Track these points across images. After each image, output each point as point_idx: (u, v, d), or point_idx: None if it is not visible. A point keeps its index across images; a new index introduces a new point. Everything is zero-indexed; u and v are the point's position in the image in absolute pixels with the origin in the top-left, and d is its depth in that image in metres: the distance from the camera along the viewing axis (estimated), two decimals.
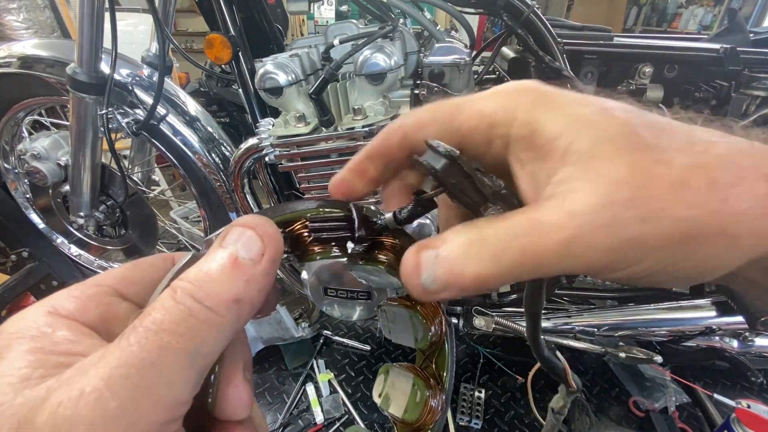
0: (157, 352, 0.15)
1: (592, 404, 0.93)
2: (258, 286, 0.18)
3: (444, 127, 0.22)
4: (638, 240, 0.17)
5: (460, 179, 0.19)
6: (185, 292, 0.16)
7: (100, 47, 0.82)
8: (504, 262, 0.17)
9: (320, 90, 0.62)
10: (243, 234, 0.18)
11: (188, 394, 0.16)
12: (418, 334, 0.25)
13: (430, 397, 0.24)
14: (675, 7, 4.23)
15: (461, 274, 0.18)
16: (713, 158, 0.17)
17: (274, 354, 1.09)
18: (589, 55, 0.72)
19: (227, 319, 0.17)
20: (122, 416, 0.14)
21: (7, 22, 2.20)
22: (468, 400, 0.95)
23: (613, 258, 0.17)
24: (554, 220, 0.17)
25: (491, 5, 0.69)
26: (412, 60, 0.74)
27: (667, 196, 0.16)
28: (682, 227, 0.16)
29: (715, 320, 0.83)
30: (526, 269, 0.17)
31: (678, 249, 0.17)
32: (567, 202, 0.17)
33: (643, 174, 0.17)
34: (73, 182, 1.02)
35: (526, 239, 0.17)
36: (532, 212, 0.18)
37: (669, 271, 0.18)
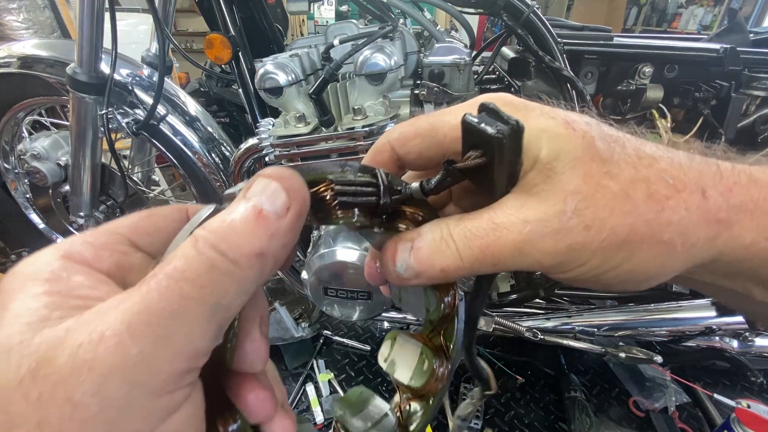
0: (177, 301, 0.15)
1: (592, 404, 0.93)
2: (282, 241, 0.17)
3: (426, 140, 0.23)
4: (581, 244, 0.19)
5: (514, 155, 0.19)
6: (208, 243, 0.16)
7: (100, 47, 0.83)
8: (466, 259, 0.20)
9: (320, 90, 0.62)
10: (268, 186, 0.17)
11: (208, 346, 0.16)
12: (431, 305, 0.25)
13: (437, 366, 0.24)
14: (675, 7, 4.23)
15: (430, 266, 0.21)
16: (655, 172, 0.20)
17: (274, 354, 1.09)
18: (589, 55, 0.72)
19: (249, 273, 0.16)
20: (142, 363, 0.14)
21: (7, 22, 2.20)
22: None
23: (561, 260, 0.19)
24: (510, 225, 0.19)
25: (491, 5, 0.69)
26: (412, 60, 0.74)
27: (610, 206, 0.19)
28: (620, 234, 0.19)
29: (715, 320, 0.83)
30: (485, 265, 0.20)
31: (616, 253, 0.19)
32: (523, 209, 0.19)
33: (592, 186, 0.19)
34: (73, 182, 1.02)
35: (486, 240, 0.20)
36: (493, 214, 0.20)
37: (612, 273, 0.20)
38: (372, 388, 0.27)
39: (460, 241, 0.20)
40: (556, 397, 0.97)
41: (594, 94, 0.75)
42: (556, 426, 0.91)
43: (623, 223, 0.19)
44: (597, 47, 0.72)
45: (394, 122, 0.68)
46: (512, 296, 0.93)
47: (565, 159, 0.19)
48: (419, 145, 0.23)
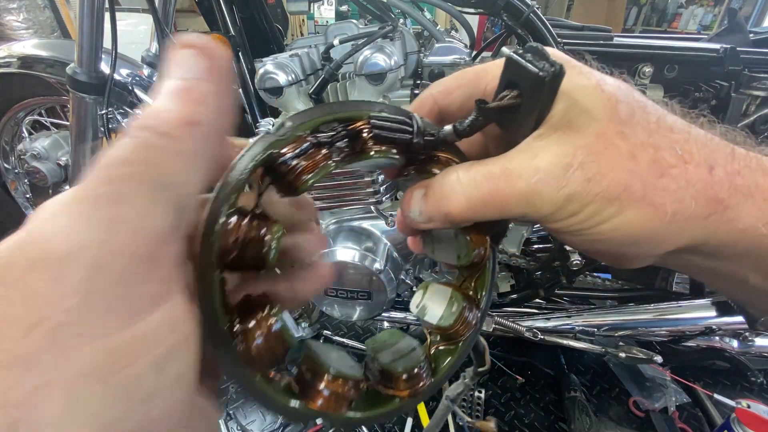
0: (118, 184, 0.14)
1: (592, 404, 0.93)
2: (212, 105, 0.17)
3: (469, 90, 0.24)
4: (578, 195, 0.20)
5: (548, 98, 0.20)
6: (138, 125, 0.16)
7: (100, 47, 0.82)
8: (472, 202, 0.21)
9: (320, 90, 0.62)
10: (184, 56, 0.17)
11: (166, 226, 0.15)
12: (462, 252, 0.26)
13: (466, 309, 0.25)
14: (675, 7, 4.23)
15: (437, 210, 0.22)
16: (667, 141, 0.20)
17: None
18: (589, 55, 0.72)
19: (188, 144, 0.16)
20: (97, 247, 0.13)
21: (7, 22, 2.20)
22: (468, 400, 0.95)
23: (556, 209, 0.20)
24: (522, 172, 0.20)
25: (491, 5, 0.69)
26: (412, 60, 0.74)
27: (614, 163, 0.20)
28: (614, 190, 0.19)
29: (715, 320, 0.83)
30: (491, 209, 0.21)
31: (607, 206, 0.20)
32: (536, 159, 0.20)
33: (602, 143, 0.20)
34: (73, 182, 1.02)
35: (495, 184, 0.21)
36: (507, 162, 0.21)
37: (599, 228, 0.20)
38: None
39: (468, 185, 0.21)
40: (556, 397, 0.97)
41: None
42: (556, 426, 0.91)
43: (620, 180, 0.19)
44: (597, 47, 0.72)
45: None
46: (512, 296, 0.93)
47: (585, 116, 0.20)
48: (462, 95, 0.24)
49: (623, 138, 0.20)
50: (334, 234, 0.78)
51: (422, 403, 0.95)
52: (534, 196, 0.20)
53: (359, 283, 0.75)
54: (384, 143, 0.22)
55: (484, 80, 0.23)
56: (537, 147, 0.21)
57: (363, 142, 0.22)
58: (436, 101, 0.25)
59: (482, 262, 0.26)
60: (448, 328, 0.25)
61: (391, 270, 0.74)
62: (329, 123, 0.22)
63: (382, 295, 0.75)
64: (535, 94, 0.20)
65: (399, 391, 0.23)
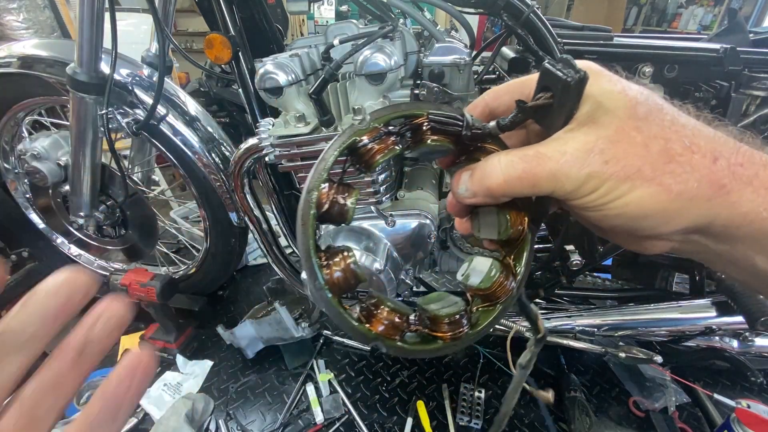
0: None
1: (592, 404, 0.93)
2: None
3: (515, 95, 0.29)
4: (596, 173, 0.24)
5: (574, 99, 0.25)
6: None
7: (100, 47, 0.82)
8: (509, 179, 0.26)
9: (320, 90, 0.62)
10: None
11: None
12: (502, 228, 0.30)
13: (503, 276, 0.30)
14: (675, 7, 4.23)
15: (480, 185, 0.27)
16: (677, 135, 0.24)
17: (274, 354, 1.09)
18: (589, 55, 0.72)
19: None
20: None
21: (7, 22, 2.20)
22: (468, 400, 0.95)
23: (578, 185, 0.25)
24: (552, 154, 0.25)
25: (491, 5, 0.69)
26: (412, 60, 0.74)
27: (628, 150, 0.24)
28: (628, 171, 0.24)
29: (715, 320, 0.83)
30: (524, 185, 0.26)
31: (621, 184, 0.24)
32: (565, 145, 0.25)
33: (621, 134, 0.24)
34: (73, 182, 1.02)
35: (529, 164, 0.25)
36: (540, 147, 0.26)
37: (614, 203, 0.25)
38: (372, 389, 0.28)
39: (506, 165, 0.26)
40: (556, 397, 0.97)
41: None
42: (556, 426, 0.91)
43: (633, 163, 0.24)
44: (597, 47, 0.72)
45: None
46: None
47: (608, 115, 0.25)
48: (509, 99, 0.30)
49: (639, 131, 0.24)
50: (334, 234, 0.78)
51: (422, 403, 0.95)
52: (560, 174, 0.25)
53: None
54: (439, 134, 0.29)
55: (528, 87, 0.28)
56: (566, 137, 0.25)
57: (422, 133, 0.29)
58: (487, 104, 0.31)
59: (520, 238, 0.31)
60: (486, 290, 0.30)
61: (391, 270, 0.74)
62: (398, 118, 0.29)
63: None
64: (564, 95, 0.25)
65: (442, 333, 0.29)
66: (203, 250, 1.20)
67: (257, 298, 1.31)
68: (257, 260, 1.50)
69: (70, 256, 1.34)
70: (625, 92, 0.25)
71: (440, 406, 0.95)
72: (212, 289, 1.30)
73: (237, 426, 0.93)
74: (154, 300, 1.01)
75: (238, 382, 1.04)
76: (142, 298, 1.03)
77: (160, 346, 1.10)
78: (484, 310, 0.31)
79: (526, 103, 0.26)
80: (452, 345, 0.29)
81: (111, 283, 1.04)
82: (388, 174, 0.73)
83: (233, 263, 1.25)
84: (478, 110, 0.31)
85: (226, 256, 1.20)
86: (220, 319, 1.25)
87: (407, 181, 0.85)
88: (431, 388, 1.00)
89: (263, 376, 1.05)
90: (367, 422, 0.92)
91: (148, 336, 1.11)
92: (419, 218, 0.75)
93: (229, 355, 1.11)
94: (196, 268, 1.24)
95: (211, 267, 1.22)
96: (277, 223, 0.97)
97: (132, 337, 1.19)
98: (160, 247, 1.32)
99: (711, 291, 0.85)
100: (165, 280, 1.01)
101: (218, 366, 1.09)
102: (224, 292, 1.36)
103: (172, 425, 0.83)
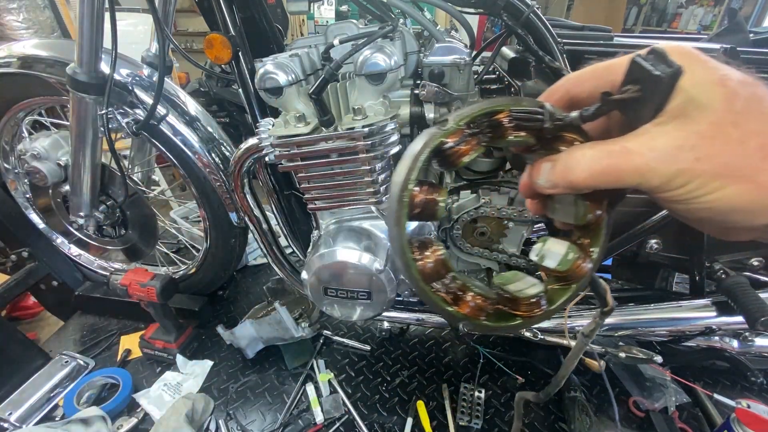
0: None
1: (592, 404, 0.93)
2: None
3: (600, 81, 0.28)
4: (687, 170, 0.23)
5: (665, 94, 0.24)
6: None
7: (100, 47, 0.82)
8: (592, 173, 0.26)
9: (320, 90, 0.62)
10: None
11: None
12: (580, 214, 0.31)
13: (580, 258, 0.31)
14: (675, 7, 4.23)
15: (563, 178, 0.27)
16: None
17: (274, 354, 1.09)
18: (589, 55, 0.72)
19: None
20: None
21: (7, 22, 2.20)
22: (468, 400, 0.95)
23: (666, 180, 0.24)
24: (639, 150, 0.24)
25: (491, 5, 0.69)
26: (412, 60, 0.73)
27: (723, 148, 0.23)
28: (720, 168, 0.23)
29: (715, 320, 0.83)
30: (607, 179, 0.25)
31: (712, 181, 0.23)
32: (653, 141, 0.24)
33: (715, 131, 0.23)
34: (73, 182, 1.02)
35: (614, 160, 0.25)
36: (626, 142, 0.25)
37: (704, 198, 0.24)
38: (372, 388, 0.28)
39: (591, 160, 0.26)
40: (556, 397, 0.97)
41: None
42: (556, 426, 0.91)
43: (728, 161, 0.23)
44: (597, 47, 0.72)
45: (394, 122, 0.68)
46: None
47: (701, 108, 0.23)
48: (593, 84, 0.29)
49: (735, 127, 0.23)
50: (334, 234, 0.78)
51: (422, 403, 0.95)
52: (647, 170, 0.24)
53: (359, 283, 0.75)
54: (521, 129, 0.29)
55: (613, 73, 0.27)
56: (655, 131, 0.24)
57: (503, 129, 0.29)
58: (568, 90, 0.30)
59: (596, 223, 0.32)
60: (564, 271, 0.32)
61: (391, 270, 0.74)
62: (479, 117, 0.29)
63: (382, 295, 0.75)
64: (654, 90, 0.24)
65: (522, 312, 0.32)
66: (203, 250, 1.20)
67: (257, 298, 1.31)
68: (257, 260, 1.50)
69: (70, 256, 1.34)
70: (724, 83, 0.24)
71: (440, 406, 0.95)
72: (212, 289, 1.30)
73: (237, 426, 0.93)
74: (154, 300, 1.01)
75: (238, 382, 1.04)
76: (142, 298, 1.03)
77: (160, 346, 1.10)
78: (559, 289, 0.33)
79: (612, 95, 0.26)
80: (529, 321, 0.32)
81: (111, 283, 1.04)
82: (388, 174, 0.73)
83: (233, 263, 1.25)
84: (557, 96, 0.31)
85: (226, 256, 1.20)
86: (220, 319, 1.25)
87: None
88: (431, 388, 1.00)
89: (263, 376, 1.05)
90: (367, 422, 0.92)
91: (148, 336, 1.11)
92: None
93: (229, 355, 1.11)
94: (196, 268, 1.24)
95: (211, 267, 1.22)
96: (277, 223, 0.97)
97: (132, 337, 1.19)
98: (160, 247, 1.32)
99: (711, 291, 0.85)
100: (165, 280, 1.01)
101: (218, 366, 1.09)
102: (224, 292, 1.36)
103: (172, 425, 0.83)
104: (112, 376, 1.02)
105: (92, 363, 1.10)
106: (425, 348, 1.12)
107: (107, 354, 1.15)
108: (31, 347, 1.10)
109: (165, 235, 1.40)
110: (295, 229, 0.97)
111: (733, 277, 0.75)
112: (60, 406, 0.98)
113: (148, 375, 1.07)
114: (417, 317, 0.99)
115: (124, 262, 1.36)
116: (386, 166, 0.73)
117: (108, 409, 0.92)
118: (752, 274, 0.79)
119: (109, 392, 1.01)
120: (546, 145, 0.30)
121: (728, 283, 0.75)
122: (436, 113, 0.69)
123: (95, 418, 0.88)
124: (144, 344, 1.11)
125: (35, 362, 1.07)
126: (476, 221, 0.80)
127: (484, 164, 0.83)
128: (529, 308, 0.32)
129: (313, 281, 0.77)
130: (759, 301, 0.70)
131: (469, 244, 0.83)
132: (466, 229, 0.81)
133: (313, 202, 0.76)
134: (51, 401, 0.99)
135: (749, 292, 0.72)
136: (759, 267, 0.79)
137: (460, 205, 0.79)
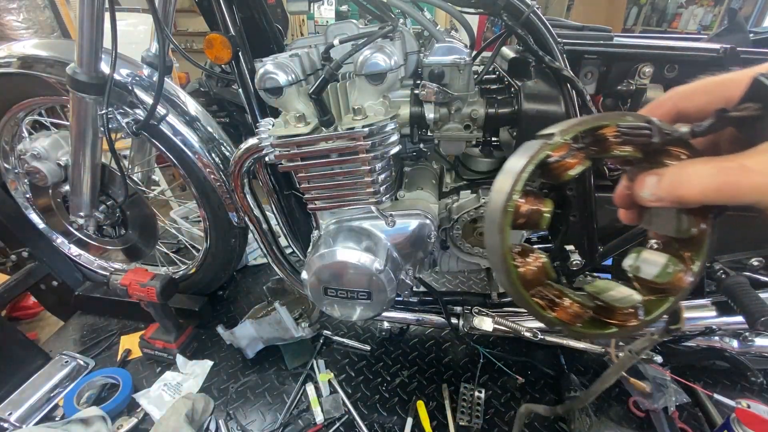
0: None
1: (592, 404, 0.93)
2: None
3: (712, 96, 0.28)
4: None
5: None
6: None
7: (100, 47, 0.82)
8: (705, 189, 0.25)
9: (320, 90, 0.62)
10: None
11: None
12: (683, 227, 0.31)
13: (682, 271, 0.31)
14: (675, 7, 4.23)
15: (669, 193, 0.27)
16: None
17: (274, 354, 1.09)
18: (589, 55, 0.72)
19: None
20: None
21: (7, 22, 2.20)
22: (468, 400, 0.95)
23: None
24: (759, 169, 0.24)
25: (491, 5, 0.69)
26: (412, 60, 0.73)
27: None
28: None
29: (715, 320, 0.83)
30: (722, 196, 0.25)
31: None
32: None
33: None
34: (73, 182, 1.02)
35: (730, 177, 0.24)
36: (744, 159, 0.25)
37: None
38: (372, 388, 0.28)
39: (705, 176, 0.25)
40: (556, 397, 0.97)
41: (594, 94, 0.74)
42: (556, 426, 0.91)
43: None
44: (597, 47, 0.72)
45: (394, 122, 0.68)
46: None
47: None
48: (704, 100, 0.28)
49: None
50: (334, 234, 0.78)
51: (422, 403, 0.95)
52: (766, 186, 0.24)
53: (359, 283, 0.75)
54: (627, 144, 0.29)
55: (728, 89, 0.27)
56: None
57: (609, 144, 0.29)
58: (675, 104, 0.30)
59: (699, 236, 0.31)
60: (662, 284, 0.31)
61: (391, 270, 0.74)
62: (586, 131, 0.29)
63: (382, 295, 0.75)
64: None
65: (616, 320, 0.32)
66: (203, 250, 1.20)
67: (257, 298, 1.31)
68: (257, 260, 1.50)
69: (70, 256, 1.34)
70: None
71: (440, 406, 0.95)
72: (212, 289, 1.30)
73: (237, 426, 0.93)
74: (154, 300, 1.01)
75: (238, 382, 1.04)
76: (142, 298, 1.03)
77: (160, 346, 1.10)
78: (656, 300, 0.33)
79: (728, 112, 0.25)
80: (623, 331, 0.33)
81: (111, 283, 1.04)
82: (388, 174, 0.73)
83: (233, 263, 1.25)
84: (663, 110, 0.30)
85: (226, 256, 1.20)
86: (220, 319, 1.25)
87: (407, 181, 0.85)
88: (431, 388, 1.00)
89: (263, 376, 1.05)
90: (367, 422, 0.92)
91: (148, 336, 1.11)
92: (419, 218, 0.75)
93: (229, 355, 1.12)
94: (196, 268, 1.24)
95: (211, 267, 1.22)
96: (277, 223, 0.97)
97: (132, 337, 1.19)
98: (160, 247, 1.32)
99: (711, 291, 0.85)
100: (165, 280, 1.01)
101: (218, 366, 1.09)
102: (224, 292, 1.36)
103: (172, 425, 0.83)
104: (112, 376, 1.02)
105: (92, 363, 1.10)
106: (425, 348, 1.12)
107: (107, 354, 1.15)
108: (31, 347, 1.10)
109: (165, 235, 1.40)
110: (295, 229, 0.97)
111: (733, 277, 0.75)
112: (60, 406, 0.98)
113: (148, 375, 1.07)
114: (417, 317, 0.99)
115: (124, 262, 1.36)
116: (386, 166, 0.73)
117: (108, 409, 0.92)
118: (752, 274, 0.79)
119: (109, 392, 1.01)
120: (649, 158, 0.29)
121: (728, 283, 0.75)
122: (436, 113, 0.69)
123: (95, 418, 0.88)
124: (144, 344, 1.11)
125: (35, 362, 1.08)
126: (476, 221, 0.80)
127: (484, 164, 0.83)
128: (624, 318, 0.32)
129: (313, 281, 0.77)
130: (759, 301, 0.70)
131: (469, 244, 0.83)
132: (466, 229, 0.81)
133: (313, 202, 0.76)
134: (51, 401, 0.99)
135: (749, 292, 0.72)
136: (759, 267, 0.79)
137: (460, 205, 0.79)
